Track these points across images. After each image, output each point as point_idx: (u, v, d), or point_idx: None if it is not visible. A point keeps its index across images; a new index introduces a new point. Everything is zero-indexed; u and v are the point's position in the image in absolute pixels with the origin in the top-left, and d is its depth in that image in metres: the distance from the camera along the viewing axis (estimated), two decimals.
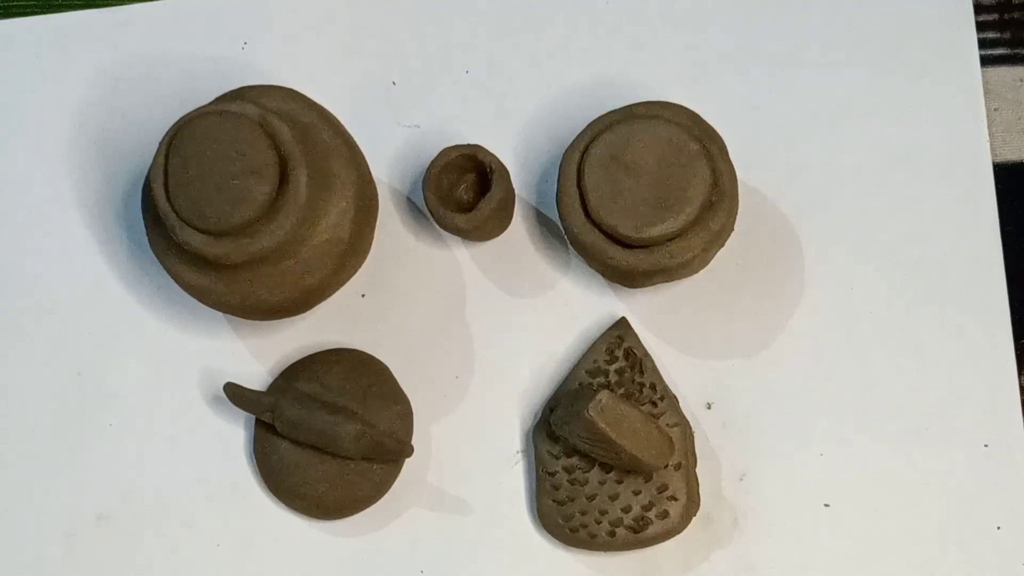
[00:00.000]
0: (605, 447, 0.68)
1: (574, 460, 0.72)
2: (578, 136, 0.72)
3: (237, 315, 0.72)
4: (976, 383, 0.74)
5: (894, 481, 0.74)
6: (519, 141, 0.77)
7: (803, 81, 0.77)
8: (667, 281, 0.73)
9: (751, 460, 0.74)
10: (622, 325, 0.74)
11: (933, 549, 0.73)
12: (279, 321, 0.75)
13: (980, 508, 0.73)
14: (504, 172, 0.72)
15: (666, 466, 0.71)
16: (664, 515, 0.71)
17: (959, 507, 0.73)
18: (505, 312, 0.76)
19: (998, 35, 0.78)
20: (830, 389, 0.74)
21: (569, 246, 0.75)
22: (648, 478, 0.71)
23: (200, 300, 0.71)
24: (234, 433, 0.75)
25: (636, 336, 0.74)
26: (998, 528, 0.73)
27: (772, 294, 0.75)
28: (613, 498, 0.71)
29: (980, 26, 0.78)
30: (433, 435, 0.75)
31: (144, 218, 0.71)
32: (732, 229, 0.72)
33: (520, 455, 0.75)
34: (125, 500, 0.75)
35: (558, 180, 0.72)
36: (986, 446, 0.74)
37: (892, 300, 0.75)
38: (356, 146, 0.73)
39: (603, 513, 0.71)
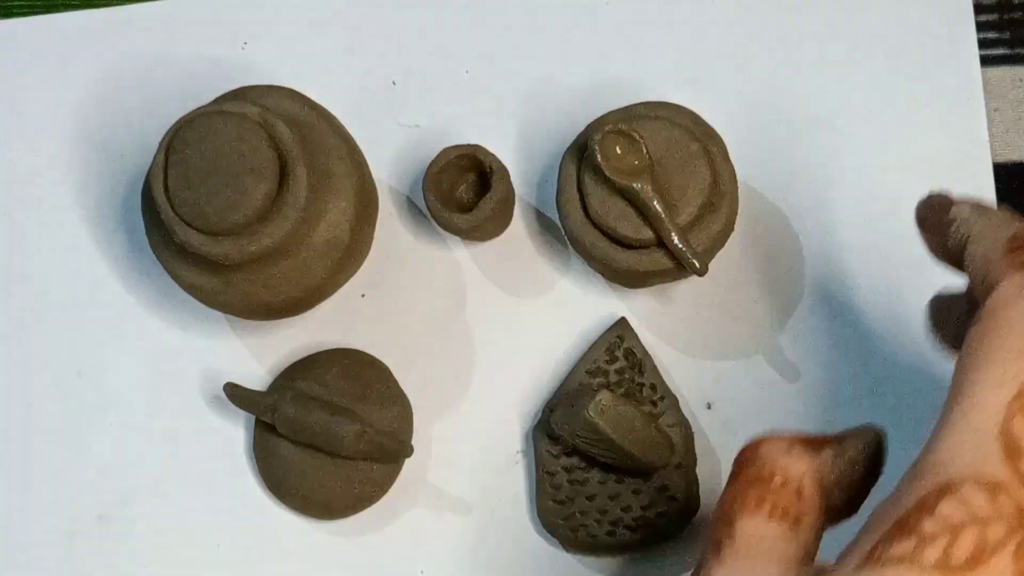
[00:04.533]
0: (605, 447, 0.68)
1: (574, 460, 0.72)
2: (578, 136, 0.72)
3: (237, 315, 0.72)
4: None
5: (894, 481, 0.73)
6: (519, 141, 0.77)
7: (803, 81, 0.77)
8: (667, 281, 0.73)
9: None
10: (622, 325, 0.74)
11: None
12: (279, 321, 0.75)
13: None
14: (504, 172, 0.72)
15: (666, 466, 0.71)
16: (664, 515, 0.71)
17: None
18: (505, 312, 0.76)
19: (998, 35, 0.78)
20: (830, 389, 0.74)
21: (569, 246, 0.75)
22: (648, 478, 0.71)
23: (200, 300, 0.71)
24: (234, 433, 0.75)
25: (636, 336, 0.74)
26: None
27: (772, 294, 0.75)
28: (613, 498, 0.71)
29: (980, 26, 0.78)
30: (433, 435, 0.75)
31: (144, 218, 0.71)
32: (732, 229, 0.72)
33: (520, 455, 0.75)
34: (125, 500, 0.75)
35: (558, 180, 0.72)
36: None
37: (892, 300, 0.75)
38: (356, 146, 0.72)
39: (603, 513, 0.71)
